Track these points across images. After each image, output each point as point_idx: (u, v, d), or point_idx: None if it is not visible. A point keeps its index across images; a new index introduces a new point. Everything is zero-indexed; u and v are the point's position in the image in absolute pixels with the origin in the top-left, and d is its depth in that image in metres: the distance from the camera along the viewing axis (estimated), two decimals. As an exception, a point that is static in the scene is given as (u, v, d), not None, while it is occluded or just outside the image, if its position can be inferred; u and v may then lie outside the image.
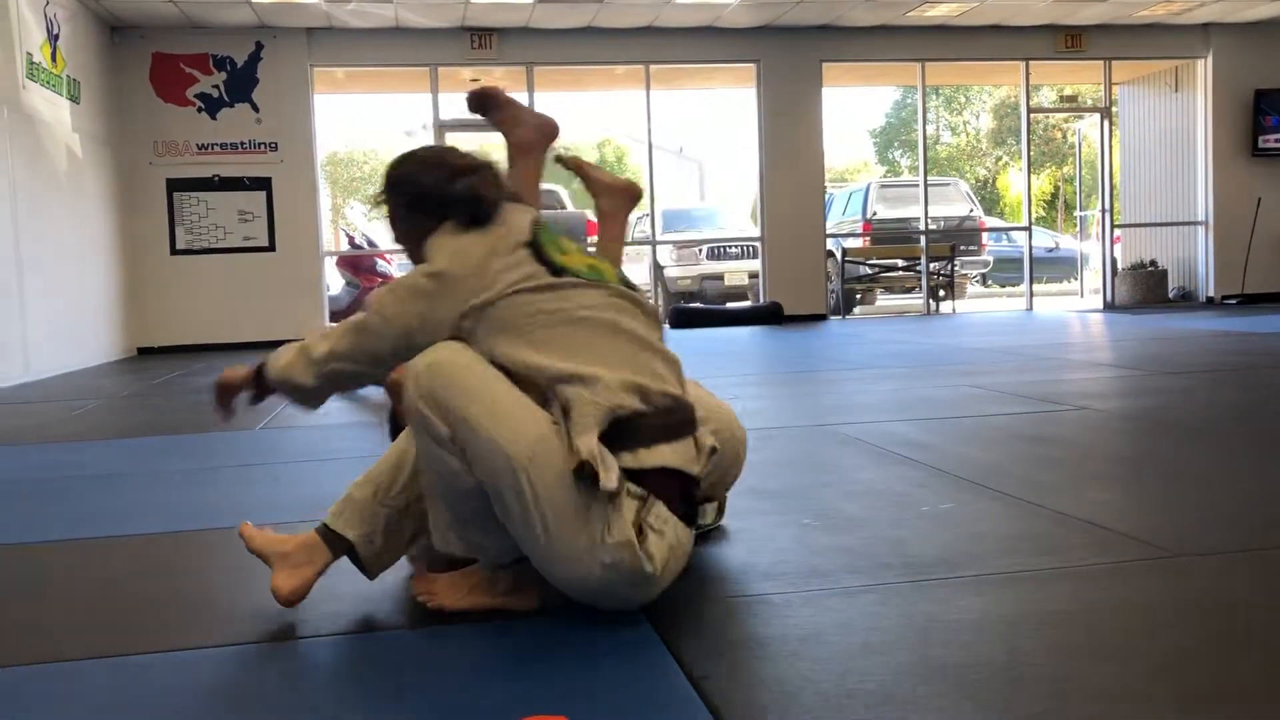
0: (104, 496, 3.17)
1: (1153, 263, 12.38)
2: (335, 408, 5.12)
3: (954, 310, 12.74)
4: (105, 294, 9.26)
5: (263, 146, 10.27)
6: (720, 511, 2.46)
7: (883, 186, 15.03)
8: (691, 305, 12.20)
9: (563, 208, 14.01)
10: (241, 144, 10.25)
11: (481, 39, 10.62)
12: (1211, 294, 11.98)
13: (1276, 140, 11.83)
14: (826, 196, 12.52)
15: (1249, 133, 11.82)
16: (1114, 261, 12.49)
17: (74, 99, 8.66)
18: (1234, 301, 11.68)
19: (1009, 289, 18.33)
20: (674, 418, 1.81)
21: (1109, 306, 12.06)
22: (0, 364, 6.85)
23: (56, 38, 8.30)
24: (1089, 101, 16.57)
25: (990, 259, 15.10)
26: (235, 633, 1.85)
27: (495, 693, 1.55)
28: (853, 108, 45.04)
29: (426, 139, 11.18)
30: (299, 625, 1.87)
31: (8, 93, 7.23)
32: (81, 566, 2.39)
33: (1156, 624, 1.76)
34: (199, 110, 10.17)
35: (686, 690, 1.52)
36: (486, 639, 1.78)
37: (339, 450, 3.86)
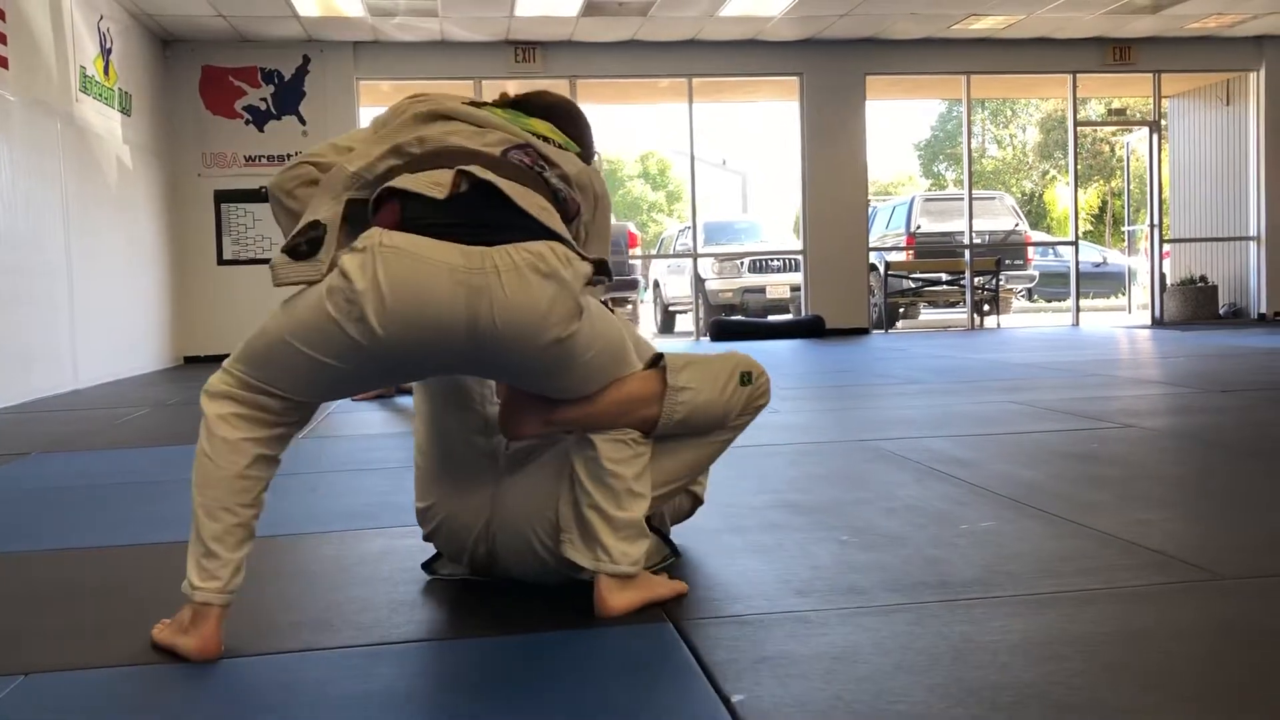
0: (143, 503, 3.21)
1: (1203, 278, 12.18)
2: (380, 418, 5.16)
3: (998, 325, 12.60)
4: (153, 303, 9.40)
5: (309, 159, 10.39)
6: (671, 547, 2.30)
7: (927, 200, 14.93)
8: (733, 318, 12.17)
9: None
10: (288, 156, 10.35)
11: (525, 52, 10.69)
12: (1264, 310, 11.76)
13: (1332, 154, 11.61)
14: (870, 210, 12.45)
15: (1303, 146, 11.61)
16: (1163, 277, 12.30)
17: (125, 111, 8.82)
18: (1287, 318, 11.46)
19: (1055, 304, 18.13)
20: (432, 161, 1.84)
21: (1157, 322, 11.88)
22: (50, 372, 6.97)
23: (109, 51, 8.46)
24: (1138, 115, 16.36)
25: (1036, 273, 14.94)
26: (257, 644, 1.86)
27: (514, 707, 1.54)
28: (898, 121, 44.89)
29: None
30: (312, 638, 1.87)
31: (61, 105, 7.38)
32: (114, 573, 2.41)
33: (1202, 649, 1.71)
34: (247, 123, 10.32)
35: (716, 708, 1.50)
36: (508, 651, 1.77)
37: (379, 460, 3.88)
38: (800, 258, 11.76)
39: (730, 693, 1.54)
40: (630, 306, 13.81)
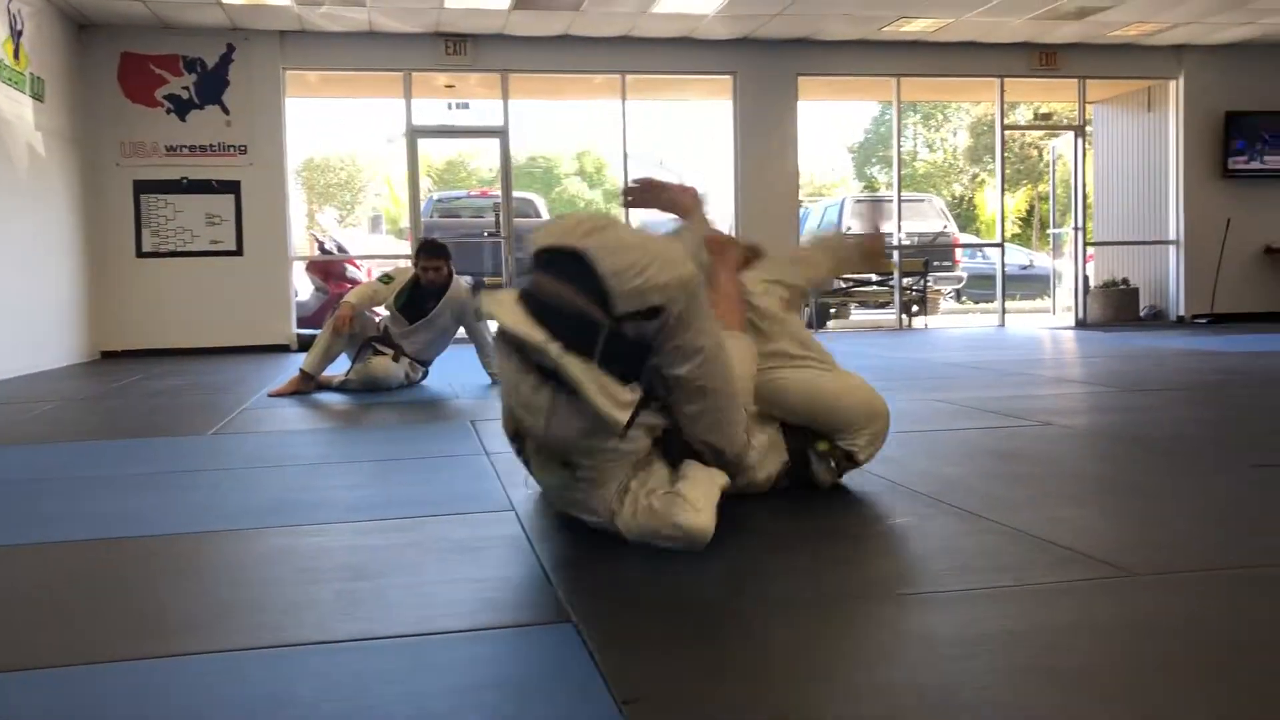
0: (37, 501, 3.06)
1: (1124, 281, 12.42)
2: (296, 414, 5.03)
3: (926, 326, 12.74)
4: (68, 296, 9.11)
5: (232, 149, 10.15)
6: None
7: (858, 201, 15.05)
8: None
9: (538, 215, 13.95)
10: (211, 146, 10.12)
11: (456, 45, 10.55)
12: (1182, 313, 12.02)
13: (1246, 163, 11.89)
14: (802, 211, 12.50)
15: (1219, 154, 11.87)
16: (1086, 279, 12.52)
17: (38, 97, 8.53)
18: (1204, 320, 11.73)
19: (982, 305, 18.38)
20: None
21: (1081, 324, 12.09)
22: (-47, 365, 6.70)
23: (20, 34, 8.17)
24: (1064, 120, 16.63)
25: (964, 275, 15.13)
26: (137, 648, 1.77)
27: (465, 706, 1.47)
28: (833, 123, 45.22)
29: (402, 146, 11.10)
30: (222, 636, 1.78)
31: (-32, 89, 7.09)
32: (9, 574, 2.29)
33: (1111, 645, 1.69)
34: (168, 111, 10.04)
35: (613, 714, 1.44)
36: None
37: (290, 457, 3.77)
38: (732, 256, 11.74)
39: (628, 697, 1.48)
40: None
